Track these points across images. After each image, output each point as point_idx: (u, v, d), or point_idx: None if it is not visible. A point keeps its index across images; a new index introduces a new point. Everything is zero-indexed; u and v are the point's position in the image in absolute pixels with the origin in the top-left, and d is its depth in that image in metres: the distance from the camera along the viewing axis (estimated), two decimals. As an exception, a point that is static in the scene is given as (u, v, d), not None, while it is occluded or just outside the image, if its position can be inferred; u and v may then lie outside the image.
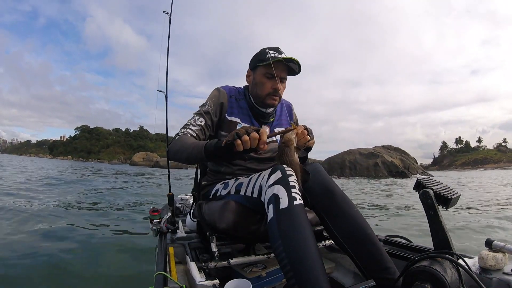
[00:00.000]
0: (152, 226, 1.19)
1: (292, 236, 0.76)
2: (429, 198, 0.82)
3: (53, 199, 4.61)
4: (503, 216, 3.92)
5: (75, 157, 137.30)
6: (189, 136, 1.10)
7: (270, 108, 1.24)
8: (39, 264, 1.87)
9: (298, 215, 0.78)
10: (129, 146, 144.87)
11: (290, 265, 0.73)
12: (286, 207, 0.79)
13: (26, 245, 2.22)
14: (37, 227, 2.80)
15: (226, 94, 1.23)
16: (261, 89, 1.18)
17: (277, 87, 1.16)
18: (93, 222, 3.17)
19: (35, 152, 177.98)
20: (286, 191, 0.82)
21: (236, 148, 0.83)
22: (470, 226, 3.24)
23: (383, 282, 0.85)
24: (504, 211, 4.39)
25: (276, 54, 1.14)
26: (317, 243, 1.15)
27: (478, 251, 0.84)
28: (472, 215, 4.11)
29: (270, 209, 0.82)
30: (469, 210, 4.32)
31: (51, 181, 7.96)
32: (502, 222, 3.60)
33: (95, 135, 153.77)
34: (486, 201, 5.89)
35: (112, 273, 1.81)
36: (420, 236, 2.65)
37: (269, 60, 1.11)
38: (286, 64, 1.14)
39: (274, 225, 0.79)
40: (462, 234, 2.88)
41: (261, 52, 1.17)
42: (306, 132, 1.02)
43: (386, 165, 23.21)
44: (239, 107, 1.24)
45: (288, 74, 1.20)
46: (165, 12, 1.42)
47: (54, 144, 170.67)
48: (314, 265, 0.72)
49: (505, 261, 0.80)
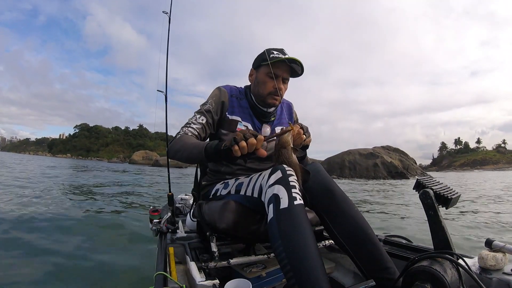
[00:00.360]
0: (152, 226, 1.19)
1: (292, 236, 0.76)
2: (429, 198, 0.82)
3: (51, 198, 4.61)
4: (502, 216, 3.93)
5: (74, 155, 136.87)
6: (190, 136, 1.10)
7: (271, 107, 1.24)
8: (39, 263, 1.87)
9: (298, 215, 0.78)
10: (128, 145, 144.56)
11: (290, 265, 0.73)
12: (287, 207, 0.79)
13: (26, 244, 2.22)
14: (36, 226, 2.80)
15: (227, 93, 1.24)
16: (263, 88, 1.19)
17: (279, 87, 1.17)
18: (93, 222, 3.18)
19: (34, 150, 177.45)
20: (286, 191, 0.82)
21: (234, 153, 0.83)
22: (470, 226, 3.25)
23: (383, 282, 0.85)
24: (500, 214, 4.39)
25: (280, 55, 1.15)
26: (317, 243, 1.15)
27: (478, 251, 0.84)
28: (471, 214, 4.12)
29: (271, 209, 0.82)
30: (469, 210, 4.33)
31: (50, 178, 7.96)
32: (502, 221, 3.61)
33: (95, 133, 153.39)
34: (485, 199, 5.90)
35: (112, 273, 1.81)
36: (419, 235, 2.65)
37: (273, 60, 1.12)
38: (289, 65, 1.15)
39: (274, 225, 0.79)
40: (461, 234, 2.89)
41: (265, 52, 1.17)
42: (302, 132, 1.01)
43: (386, 166, 23.22)
44: (240, 106, 1.24)
45: (290, 76, 1.21)
46: (165, 12, 1.42)
47: (53, 142, 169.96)
48: (314, 265, 0.72)
49: (505, 261, 0.80)
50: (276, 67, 1.14)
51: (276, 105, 1.24)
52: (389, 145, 33.33)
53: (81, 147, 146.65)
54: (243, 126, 1.21)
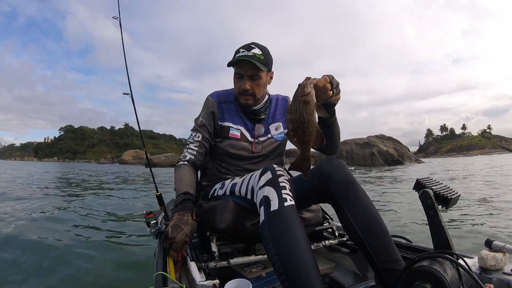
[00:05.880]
0: (151, 229, 1.19)
1: (283, 239, 0.76)
2: (429, 198, 0.82)
3: (48, 202, 4.61)
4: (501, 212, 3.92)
5: (61, 158, 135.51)
6: (184, 169, 1.16)
7: (248, 107, 1.21)
8: (38, 264, 1.87)
9: (288, 217, 0.78)
10: (115, 145, 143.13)
11: (282, 268, 0.73)
12: (277, 209, 0.79)
13: (26, 244, 2.22)
14: (34, 227, 2.80)
15: (215, 102, 1.23)
16: (235, 89, 1.20)
17: (243, 87, 1.14)
18: (93, 222, 3.18)
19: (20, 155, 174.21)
20: (276, 192, 0.82)
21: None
22: (469, 226, 3.24)
23: (391, 273, 0.85)
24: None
25: (245, 52, 1.12)
26: (317, 243, 1.15)
27: (478, 251, 0.84)
28: (472, 215, 4.11)
29: (262, 211, 0.82)
30: (468, 209, 4.31)
31: (41, 182, 7.96)
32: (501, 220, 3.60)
33: (80, 134, 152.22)
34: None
35: (112, 273, 1.81)
36: (417, 235, 2.65)
37: (232, 61, 1.12)
38: (250, 61, 1.08)
39: (266, 228, 0.79)
40: (461, 233, 2.88)
41: (235, 52, 1.16)
42: (329, 87, 0.80)
43: (382, 154, 23.75)
44: (229, 111, 1.23)
45: (261, 70, 1.11)
46: (115, 17, 1.38)
47: (38, 147, 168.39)
48: (306, 268, 0.72)
49: (505, 261, 0.80)
50: (238, 67, 1.14)
51: (249, 105, 1.19)
52: (383, 134, 33.70)
53: (67, 149, 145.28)
54: (236, 130, 1.21)
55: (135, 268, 1.87)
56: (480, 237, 2.42)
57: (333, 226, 1.26)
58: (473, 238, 2.45)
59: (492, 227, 2.82)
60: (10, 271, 1.75)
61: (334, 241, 1.21)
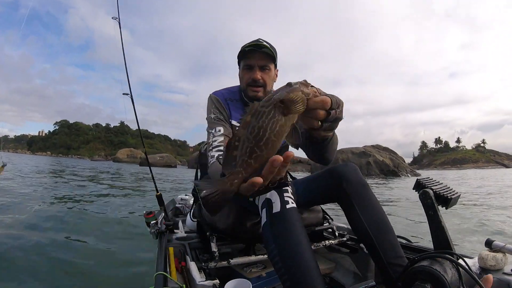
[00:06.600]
0: (151, 229, 1.19)
1: (285, 240, 0.77)
2: (429, 198, 0.83)
3: (46, 200, 4.61)
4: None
5: (55, 153, 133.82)
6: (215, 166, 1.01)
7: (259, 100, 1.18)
8: (39, 264, 1.87)
9: (291, 219, 0.80)
10: (109, 142, 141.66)
11: (284, 268, 0.74)
12: (279, 211, 0.80)
13: (26, 243, 2.22)
14: (35, 227, 2.80)
15: (220, 99, 1.21)
16: (243, 82, 1.18)
17: (255, 77, 1.12)
18: (92, 222, 3.17)
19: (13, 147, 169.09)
20: (278, 195, 0.83)
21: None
22: (469, 225, 3.24)
23: (397, 269, 0.87)
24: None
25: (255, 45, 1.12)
26: (317, 243, 1.16)
27: (478, 251, 0.84)
28: (471, 214, 4.11)
29: (264, 213, 0.83)
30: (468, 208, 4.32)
31: (41, 179, 7.96)
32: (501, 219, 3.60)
33: (75, 130, 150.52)
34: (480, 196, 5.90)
35: (112, 273, 1.81)
36: (416, 235, 2.65)
37: (243, 50, 1.11)
38: (260, 51, 1.09)
39: (268, 230, 0.80)
40: (461, 233, 2.89)
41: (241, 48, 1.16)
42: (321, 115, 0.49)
43: (378, 164, 23.72)
44: (236, 109, 1.22)
45: (271, 61, 1.13)
46: (114, 18, 1.38)
47: (33, 140, 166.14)
48: (308, 268, 0.73)
49: (505, 261, 0.80)
50: (248, 58, 1.13)
51: (258, 97, 1.14)
52: (379, 144, 33.71)
53: (61, 144, 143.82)
54: None
55: (135, 268, 1.87)
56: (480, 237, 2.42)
57: (333, 226, 1.26)
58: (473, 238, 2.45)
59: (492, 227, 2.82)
60: (10, 271, 1.75)
61: (334, 241, 1.21)
